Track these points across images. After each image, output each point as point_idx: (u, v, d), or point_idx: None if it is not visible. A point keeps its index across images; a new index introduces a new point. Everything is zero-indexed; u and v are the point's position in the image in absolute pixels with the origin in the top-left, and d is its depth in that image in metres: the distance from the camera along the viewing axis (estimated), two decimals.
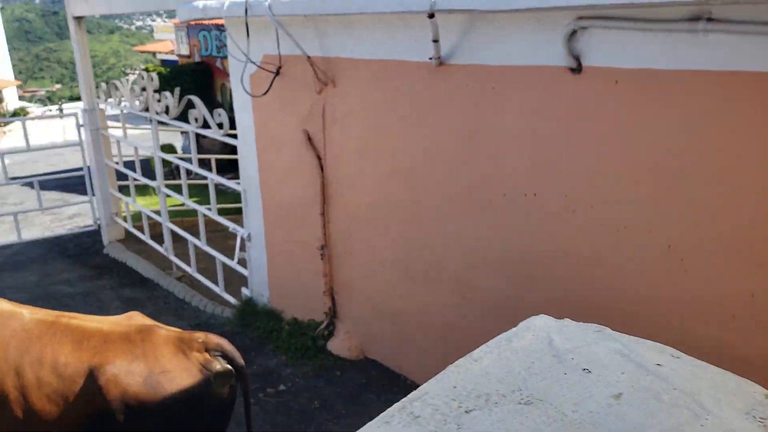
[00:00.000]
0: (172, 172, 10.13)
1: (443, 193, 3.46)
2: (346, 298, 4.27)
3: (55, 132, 25.68)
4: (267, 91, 4.21)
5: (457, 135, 3.32)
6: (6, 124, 28.25)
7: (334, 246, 4.21)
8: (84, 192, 12.50)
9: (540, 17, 2.81)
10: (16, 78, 37.31)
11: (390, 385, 4.00)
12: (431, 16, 3.02)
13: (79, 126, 7.83)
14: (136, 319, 2.72)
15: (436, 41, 3.17)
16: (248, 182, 4.78)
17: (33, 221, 10.85)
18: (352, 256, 4.12)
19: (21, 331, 2.46)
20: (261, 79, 4.29)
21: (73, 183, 13.06)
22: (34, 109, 33.56)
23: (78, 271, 6.82)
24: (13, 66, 37.83)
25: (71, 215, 10.97)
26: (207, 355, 2.45)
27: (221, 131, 4.86)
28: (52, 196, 11.85)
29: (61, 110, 29.33)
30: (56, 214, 11.06)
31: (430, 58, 3.26)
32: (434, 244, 3.56)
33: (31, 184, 14.82)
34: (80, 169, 8.39)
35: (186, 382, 2.36)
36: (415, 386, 1.27)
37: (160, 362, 2.40)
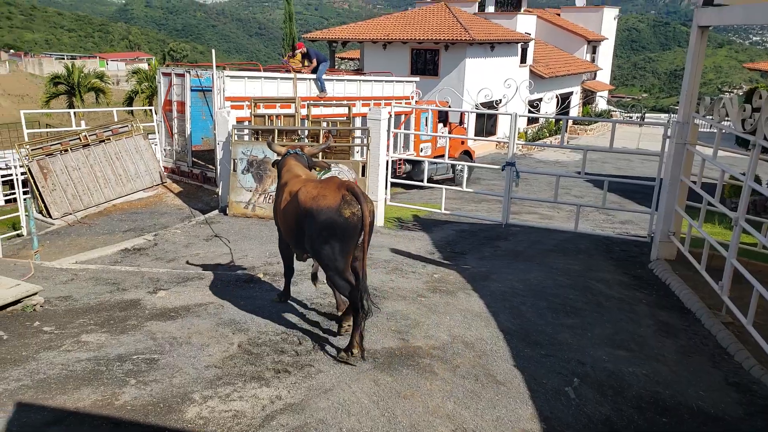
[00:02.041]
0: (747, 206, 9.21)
1: None
2: None
3: (630, 138, 27.41)
4: None
5: None
6: (591, 123, 31.81)
7: None
8: (642, 201, 12.93)
9: None
10: (610, 83, 41.30)
11: None
12: None
13: (665, 137, 7.95)
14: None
15: None
16: None
17: (588, 215, 11.92)
18: None
19: (305, 179, 4.85)
20: None
21: (632, 190, 13.67)
22: (617, 113, 36.49)
23: (617, 275, 7.07)
24: (610, 72, 41.88)
25: (624, 220, 11.51)
26: (346, 192, 4.24)
27: None
28: (610, 198, 12.61)
29: (642, 118, 30.91)
30: (611, 216, 11.81)
31: None
32: None
33: (593, 182, 16.37)
34: (652, 179, 8.59)
35: (331, 202, 4.23)
36: None
37: (324, 191, 4.33)
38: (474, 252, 8.23)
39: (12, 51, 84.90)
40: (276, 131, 10.29)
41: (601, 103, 37.13)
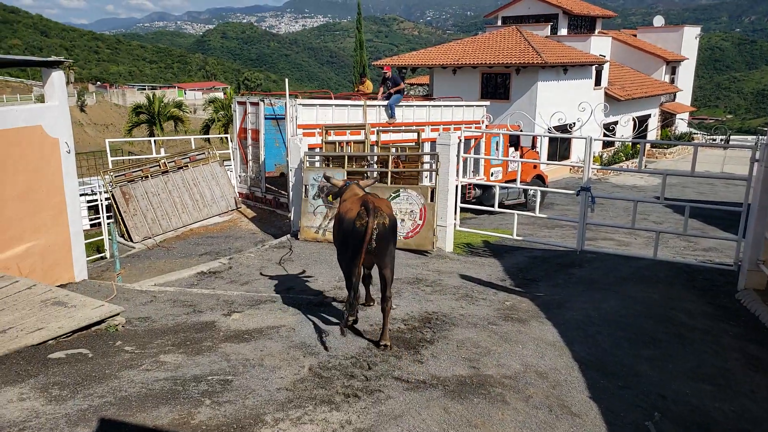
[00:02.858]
0: None
1: None
2: None
3: (713, 162, 26.20)
4: None
5: None
6: (670, 146, 30.65)
7: None
8: (727, 228, 12.32)
9: None
10: (691, 104, 39.69)
11: None
12: None
13: (752, 160, 7.59)
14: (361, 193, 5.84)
15: None
16: None
17: (667, 242, 11.46)
18: None
19: (360, 195, 5.75)
20: None
21: (716, 216, 13.04)
22: (699, 136, 34.98)
23: (701, 305, 6.75)
24: (691, 93, 40.29)
25: (707, 248, 10.99)
26: (360, 207, 5.23)
27: None
28: (692, 224, 12.08)
29: (727, 141, 29.55)
30: (692, 243, 11.31)
31: None
32: None
33: (674, 207, 15.72)
34: (738, 204, 8.19)
35: (353, 215, 5.28)
36: None
37: (353, 206, 5.40)
38: (547, 279, 8.08)
39: (99, 83, 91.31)
40: (346, 157, 10.53)
41: (681, 126, 35.74)
